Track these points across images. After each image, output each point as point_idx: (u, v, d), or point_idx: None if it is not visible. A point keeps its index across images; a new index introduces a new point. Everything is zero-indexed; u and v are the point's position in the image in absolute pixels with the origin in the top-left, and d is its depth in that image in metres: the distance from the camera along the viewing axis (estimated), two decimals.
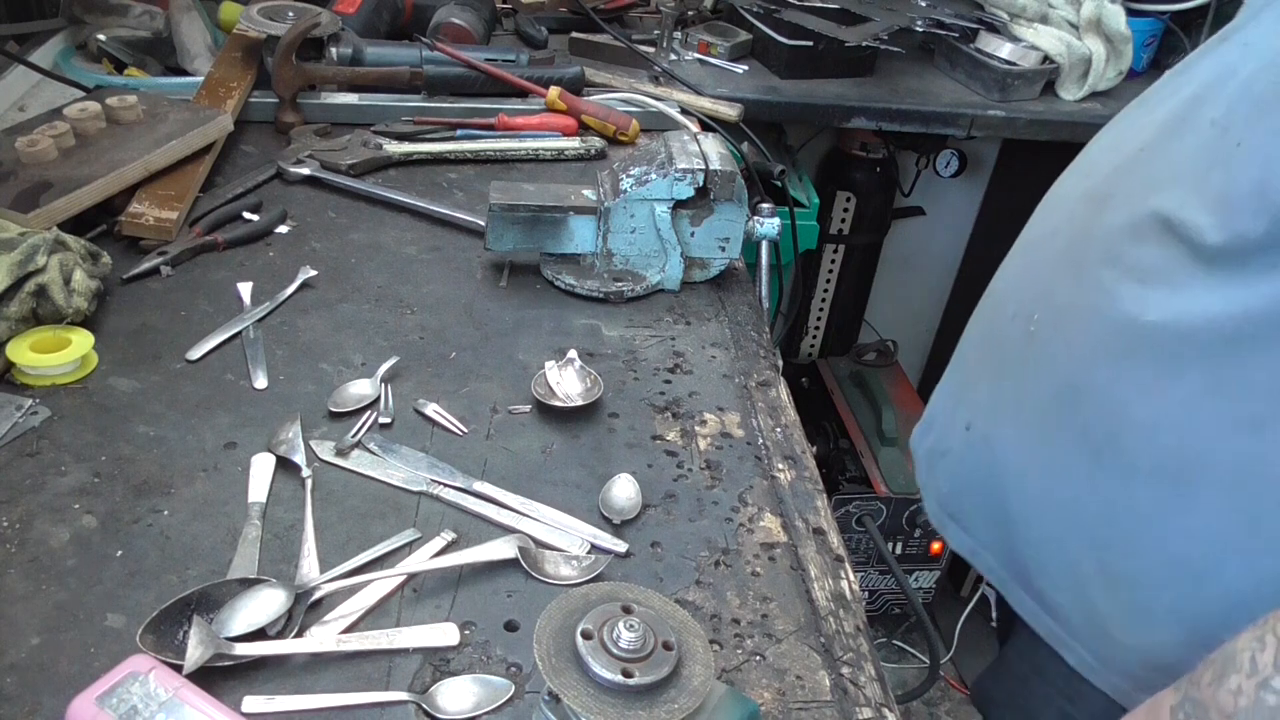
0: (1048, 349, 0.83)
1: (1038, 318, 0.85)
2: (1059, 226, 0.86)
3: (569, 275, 1.05)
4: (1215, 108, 0.75)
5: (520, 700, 0.62)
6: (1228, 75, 0.75)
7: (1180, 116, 0.78)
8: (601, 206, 1.04)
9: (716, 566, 0.75)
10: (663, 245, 1.06)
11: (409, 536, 0.73)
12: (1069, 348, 0.81)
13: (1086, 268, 0.80)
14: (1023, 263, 0.92)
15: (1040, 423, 0.84)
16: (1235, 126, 0.72)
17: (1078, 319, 0.81)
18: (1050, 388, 0.83)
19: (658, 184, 1.03)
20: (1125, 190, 0.80)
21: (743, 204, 1.06)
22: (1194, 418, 0.74)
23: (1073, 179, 0.90)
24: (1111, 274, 0.78)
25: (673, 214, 1.05)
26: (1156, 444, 0.76)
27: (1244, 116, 0.72)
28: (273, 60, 1.30)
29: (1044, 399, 0.84)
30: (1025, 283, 0.90)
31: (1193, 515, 0.76)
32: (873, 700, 0.66)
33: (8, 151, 1.04)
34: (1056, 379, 0.82)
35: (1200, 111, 0.76)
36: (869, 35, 1.62)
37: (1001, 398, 0.89)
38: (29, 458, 0.77)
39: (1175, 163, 0.77)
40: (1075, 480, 0.82)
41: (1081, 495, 0.82)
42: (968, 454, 0.93)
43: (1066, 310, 0.82)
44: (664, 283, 1.07)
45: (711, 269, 1.10)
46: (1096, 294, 0.79)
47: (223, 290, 0.99)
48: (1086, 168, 0.88)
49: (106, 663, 0.59)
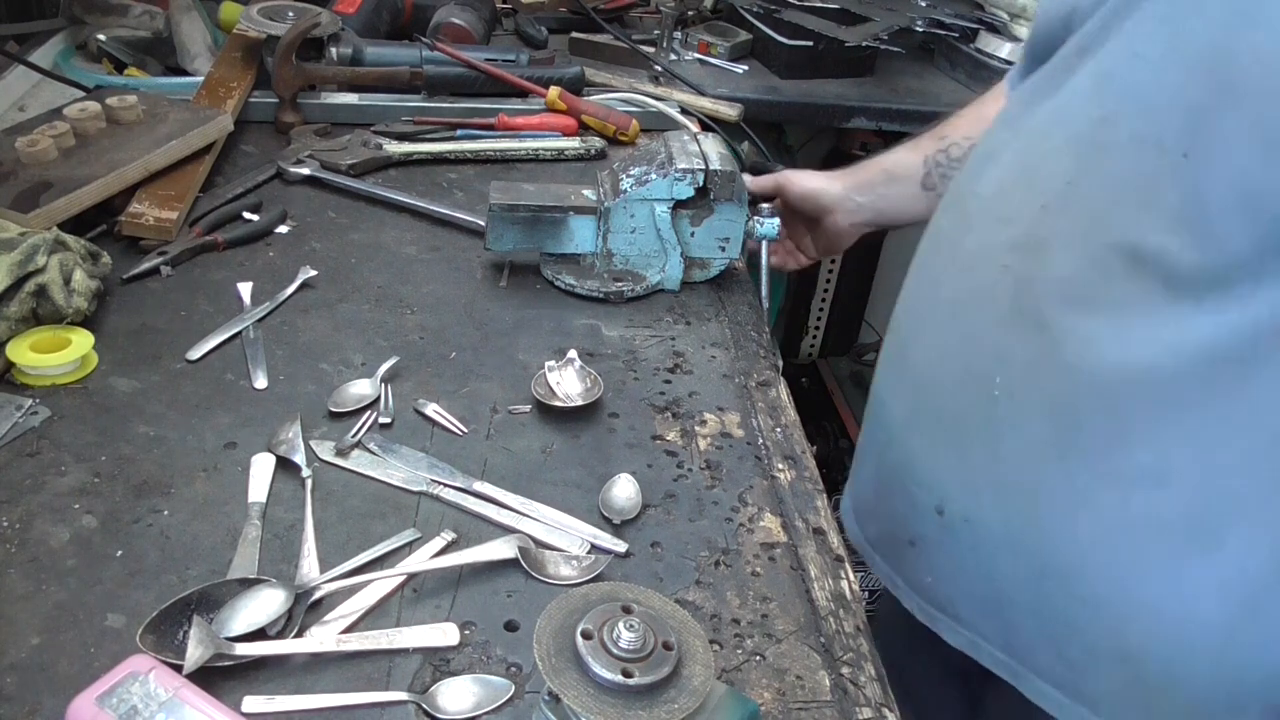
0: (1021, 410, 0.76)
1: (1000, 381, 0.77)
2: (991, 285, 0.78)
3: (569, 275, 1.05)
4: (1137, 124, 0.69)
5: (520, 700, 0.62)
6: (1131, 89, 0.70)
7: (1094, 142, 0.72)
8: (601, 206, 1.04)
9: (716, 566, 0.75)
10: (663, 245, 1.06)
11: (409, 536, 0.73)
12: (1048, 404, 0.75)
13: (1045, 319, 0.74)
14: (952, 329, 0.83)
15: (1029, 489, 0.77)
16: (1171, 138, 0.67)
17: (1050, 374, 0.74)
18: (1030, 448, 0.76)
19: (658, 184, 1.03)
20: (1066, 231, 0.73)
21: (743, 204, 1.06)
22: (1211, 457, 0.69)
23: (985, 228, 0.81)
24: (1079, 319, 0.72)
25: (673, 214, 1.05)
26: (1167, 492, 0.71)
27: (1178, 128, 0.66)
28: (273, 60, 1.30)
29: (1025, 462, 0.77)
30: (964, 350, 0.81)
31: (1219, 560, 0.71)
32: (873, 700, 0.66)
33: (8, 151, 1.04)
34: (1036, 438, 0.76)
35: (1115, 132, 0.70)
36: (869, 35, 1.62)
37: (973, 472, 0.81)
38: (29, 458, 0.77)
39: (1115, 190, 0.71)
40: (1073, 547, 0.75)
41: (1085, 562, 0.75)
42: (946, 540, 0.84)
43: (1033, 368, 0.75)
44: (664, 283, 1.07)
45: (712, 269, 1.10)
46: (1068, 344, 0.73)
47: (223, 290, 0.99)
48: (999, 214, 0.80)
49: (106, 663, 0.59)
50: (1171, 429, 0.70)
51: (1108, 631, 0.75)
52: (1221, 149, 0.65)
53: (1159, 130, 0.68)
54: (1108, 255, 0.70)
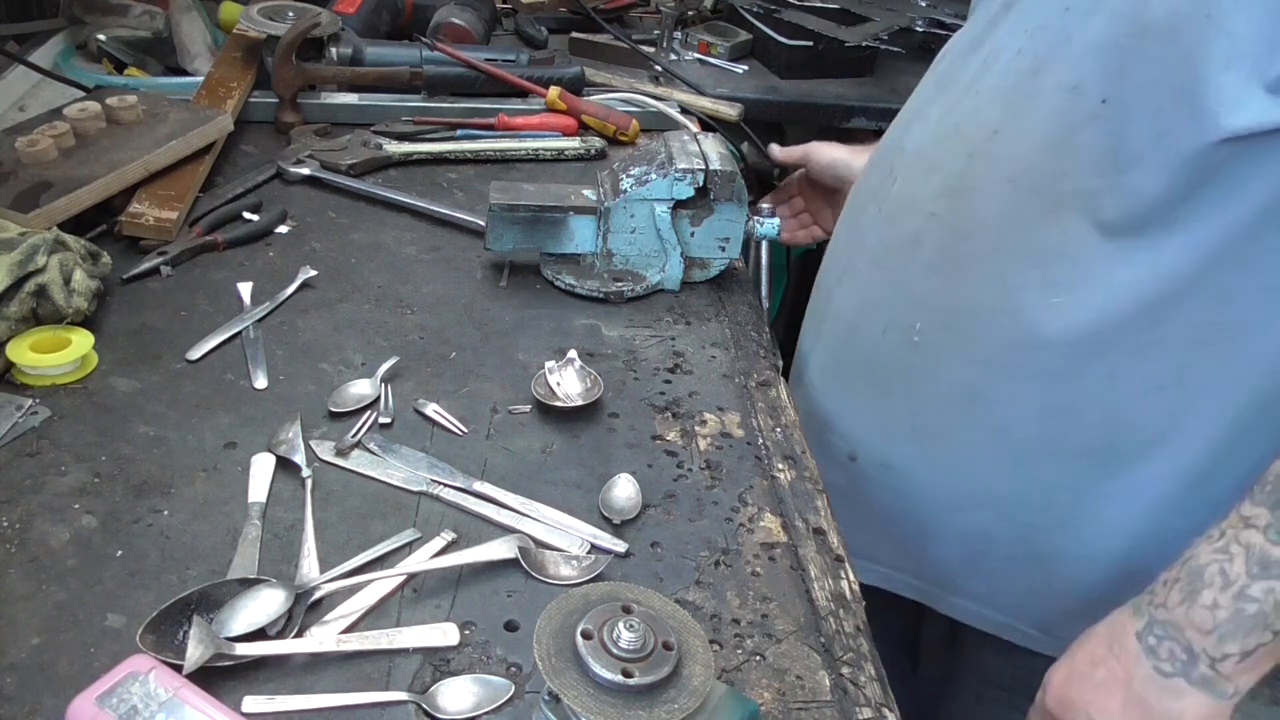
0: (940, 356, 0.82)
1: (920, 327, 0.82)
2: (918, 232, 0.83)
3: (569, 275, 1.05)
4: (1060, 72, 0.73)
5: (520, 700, 0.62)
6: (1058, 39, 0.73)
7: (1020, 91, 0.76)
8: (601, 206, 1.04)
9: (716, 566, 0.75)
10: (663, 245, 1.05)
11: (409, 536, 0.73)
12: (969, 349, 0.80)
13: (970, 266, 0.78)
14: (876, 278, 0.88)
15: (947, 430, 0.83)
16: (1092, 85, 0.70)
17: (973, 319, 0.79)
18: (950, 392, 0.82)
19: (658, 184, 1.03)
20: (992, 178, 0.77)
21: (743, 204, 1.05)
22: (1116, 389, 0.74)
23: (911, 178, 0.85)
24: (1006, 265, 0.76)
25: (673, 214, 1.04)
26: (1082, 423, 0.77)
27: (1099, 74, 0.70)
28: (273, 60, 1.30)
29: (944, 405, 0.83)
30: (890, 296, 0.86)
31: (1128, 480, 0.77)
32: (873, 700, 0.66)
33: (8, 151, 1.04)
34: (956, 383, 0.81)
35: (1040, 80, 0.74)
36: (869, 35, 1.62)
37: (892, 417, 0.87)
38: (29, 458, 0.77)
39: (1039, 136, 0.74)
40: (995, 476, 0.82)
41: (1004, 489, 0.82)
42: (860, 485, 0.91)
43: (956, 313, 0.80)
44: (664, 283, 1.07)
45: (712, 269, 1.09)
46: (991, 290, 0.77)
47: (223, 290, 0.99)
48: (926, 164, 0.84)
49: (106, 663, 0.59)
50: (1087, 368, 0.74)
51: (1023, 541, 0.82)
52: (1135, 92, 0.68)
53: (1080, 77, 0.71)
54: (1031, 200, 0.74)
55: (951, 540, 0.88)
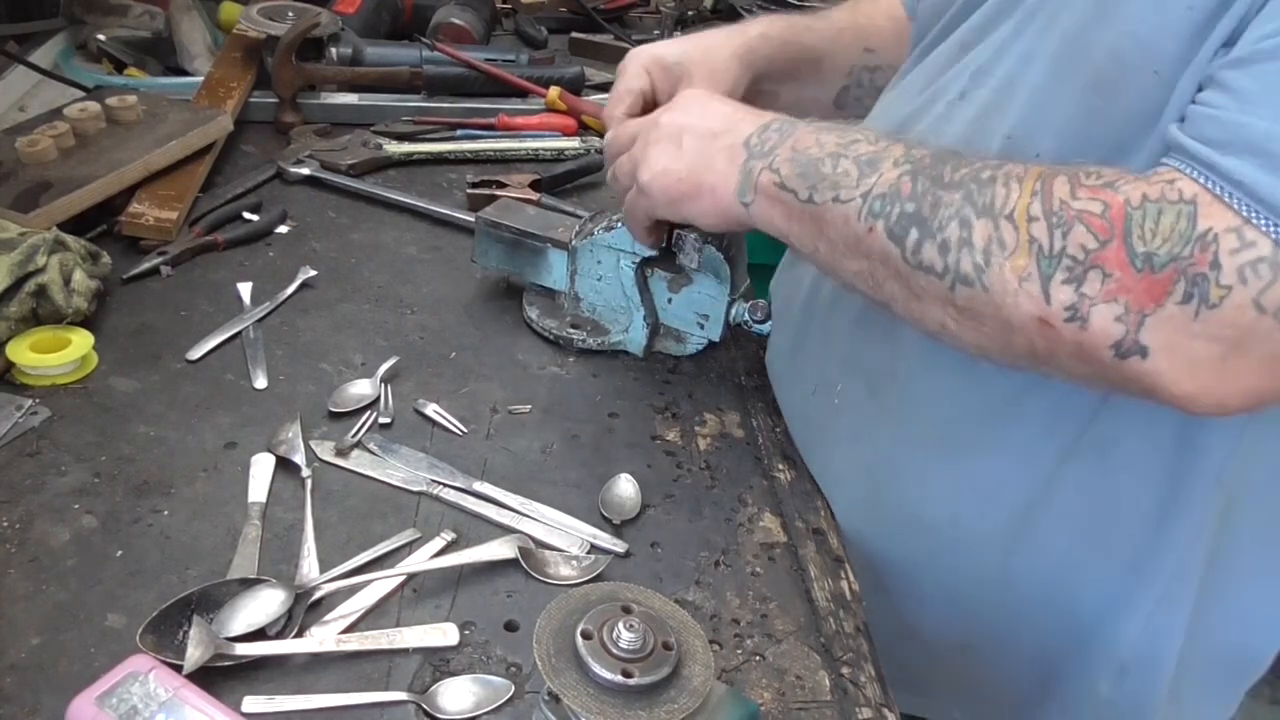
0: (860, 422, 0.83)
1: (841, 388, 0.84)
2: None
3: (538, 307, 0.98)
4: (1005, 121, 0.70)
5: (520, 700, 0.62)
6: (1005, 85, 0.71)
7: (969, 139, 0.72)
8: (570, 244, 0.95)
9: (716, 566, 0.75)
10: (628, 303, 0.94)
11: (409, 536, 0.73)
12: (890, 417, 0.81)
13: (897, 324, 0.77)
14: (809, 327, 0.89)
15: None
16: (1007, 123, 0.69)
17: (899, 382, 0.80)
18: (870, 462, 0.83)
19: (621, 233, 0.91)
20: None
21: (723, 282, 0.90)
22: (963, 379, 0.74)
23: None
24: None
25: (646, 273, 0.92)
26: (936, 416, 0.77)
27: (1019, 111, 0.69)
28: (273, 60, 1.30)
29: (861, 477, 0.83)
30: (819, 351, 0.87)
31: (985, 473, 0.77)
32: (873, 700, 0.66)
33: (8, 151, 1.04)
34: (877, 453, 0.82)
35: (988, 126, 0.71)
36: None
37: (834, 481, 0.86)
38: (29, 458, 0.77)
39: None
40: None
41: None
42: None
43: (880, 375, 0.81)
44: (625, 344, 0.95)
45: (688, 344, 0.95)
46: (918, 352, 0.78)
47: (223, 290, 0.99)
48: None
49: (106, 663, 0.59)
50: (935, 356, 0.74)
51: (914, 506, 0.81)
52: (1040, 130, 0.67)
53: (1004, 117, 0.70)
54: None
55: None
